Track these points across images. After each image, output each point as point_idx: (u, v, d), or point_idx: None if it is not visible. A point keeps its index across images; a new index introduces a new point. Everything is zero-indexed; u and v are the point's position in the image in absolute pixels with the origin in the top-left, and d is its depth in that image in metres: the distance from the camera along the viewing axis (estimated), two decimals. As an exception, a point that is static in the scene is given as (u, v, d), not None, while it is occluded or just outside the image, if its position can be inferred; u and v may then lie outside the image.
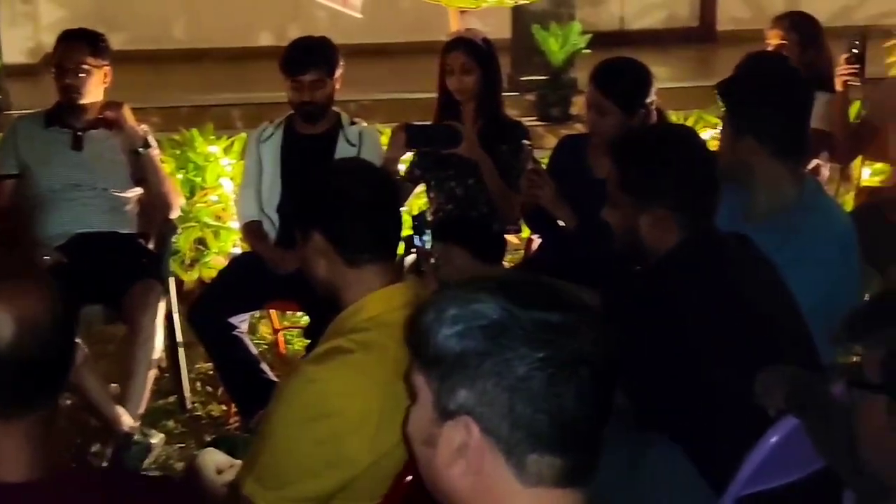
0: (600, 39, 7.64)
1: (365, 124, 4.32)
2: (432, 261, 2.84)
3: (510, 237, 5.14)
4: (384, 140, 4.29)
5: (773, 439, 2.33)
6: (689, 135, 2.80)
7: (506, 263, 4.50)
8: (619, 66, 3.75)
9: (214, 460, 2.45)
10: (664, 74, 8.23)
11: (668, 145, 2.63)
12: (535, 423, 1.32)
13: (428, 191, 4.24)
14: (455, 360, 1.35)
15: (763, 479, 2.41)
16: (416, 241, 2.66)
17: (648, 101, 3.68)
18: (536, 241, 4.27)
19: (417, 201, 4.59)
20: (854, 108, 5.07)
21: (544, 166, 3.91)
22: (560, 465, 1.34)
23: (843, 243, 2.98)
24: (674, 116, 6.26)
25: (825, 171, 4.83)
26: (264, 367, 4.03)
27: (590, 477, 1.36)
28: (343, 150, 4.12)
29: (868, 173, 5.38)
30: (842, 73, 4.43)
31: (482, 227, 4.10)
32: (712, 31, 9.71)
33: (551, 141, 5.42)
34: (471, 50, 4.12)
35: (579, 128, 3.86)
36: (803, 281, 2.75)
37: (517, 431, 1.32)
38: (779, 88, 3.01)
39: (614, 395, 1.38)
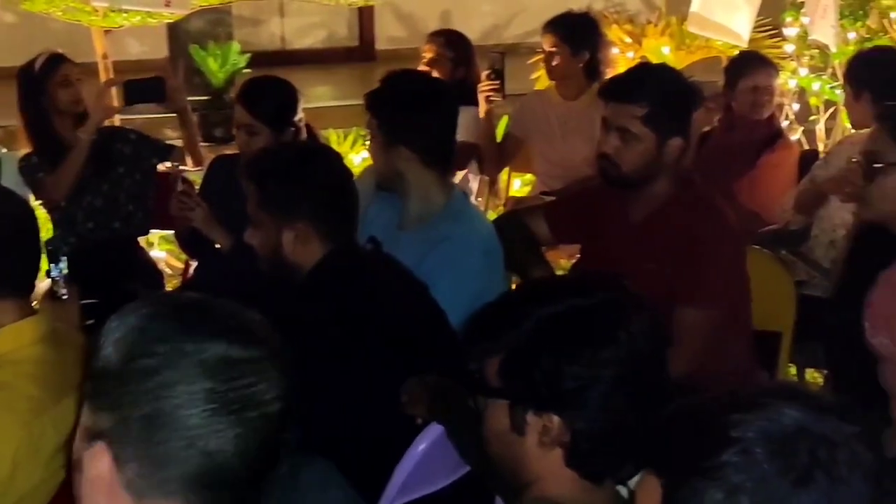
0: (261, 59, 7.64)
1: (5, 150, 4.13)
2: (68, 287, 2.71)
3: (173, 261, 5.03)
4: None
5: (421, 447, 2.37)
6: (324, 149, 2.84)
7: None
8: (265, 84, 3.76)
9: None
10: (326, 93, 8.37)
11: (303, 160, 2.65)
12: (179, 461, 1.22)
13: (60, 214, 4.10)
14: (112, 375, 1.24)
15: (416, 487, 2.46)
16: (53, 269, 2.53)
17: (297, 118, 3.69)
18: (194, 264, 4.20)
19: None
20: (503, 123, 5.31)
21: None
22: None
23: (488, 250, 3.11)
24: (334, 135, 6.34)
25: (475, 184, 5.03)
26: None
27: None
28: (-21, 178, 3.90)
29: (519, 184, 5.65)
30: (483, 88, 4.62)
31: (125, 250, 4.07)
32: (371, 51, 9.91)
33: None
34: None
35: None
36: (451, 288, 2.84)
37: (155, 467, 1.22)
38: (427, 100, 3.10)
39: (278, 449, 1.30)
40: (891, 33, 6.10)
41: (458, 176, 4.95)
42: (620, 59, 5.88)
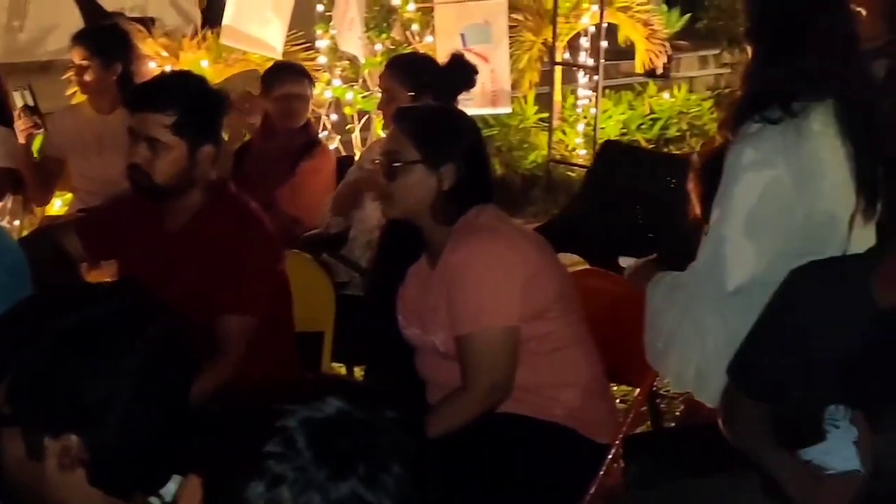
0: None
1: None
2: None
3: None
4: None
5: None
6: None
7: None
8: None
9: None
10: None
11: None
12: None
13: None
14: None
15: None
16: None
17: None
18: None
19: None
20: (37, 142, 5.05)
21: None
22: None
23: (12, 269, 2.95)
24: None
25: (8, 203, 4.76)
26: None
27: None
28: None
29: (59, 204, 5.39)
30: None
31: None
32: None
33: None
34: None
35: None
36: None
37: None
38: None
39: None
40: (413, 44, 6.46)
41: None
42: (158, 72, 5.78)
